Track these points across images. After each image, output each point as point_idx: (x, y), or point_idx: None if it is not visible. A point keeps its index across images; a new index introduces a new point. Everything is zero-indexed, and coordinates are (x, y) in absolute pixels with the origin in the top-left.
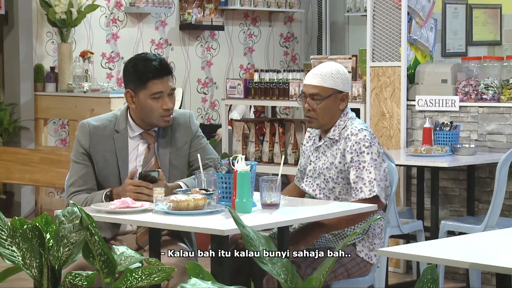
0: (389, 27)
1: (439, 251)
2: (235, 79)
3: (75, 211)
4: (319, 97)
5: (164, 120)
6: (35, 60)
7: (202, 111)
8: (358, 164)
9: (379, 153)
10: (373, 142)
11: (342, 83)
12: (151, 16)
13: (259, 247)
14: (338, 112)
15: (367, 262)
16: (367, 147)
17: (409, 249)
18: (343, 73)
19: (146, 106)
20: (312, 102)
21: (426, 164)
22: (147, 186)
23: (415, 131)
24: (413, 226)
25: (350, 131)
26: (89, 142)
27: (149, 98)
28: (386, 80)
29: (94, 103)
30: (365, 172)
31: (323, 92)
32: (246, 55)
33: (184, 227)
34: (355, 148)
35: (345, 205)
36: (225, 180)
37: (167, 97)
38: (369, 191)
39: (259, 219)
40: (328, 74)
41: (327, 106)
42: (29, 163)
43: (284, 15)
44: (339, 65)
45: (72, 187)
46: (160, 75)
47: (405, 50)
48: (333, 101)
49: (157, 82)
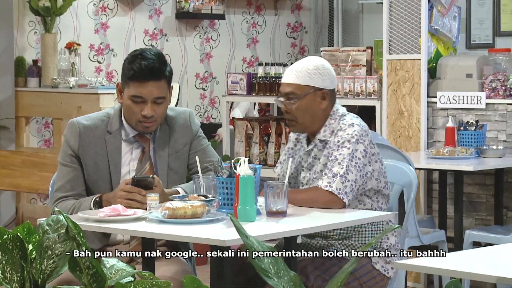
0: (408, 15)
1: (463, 264)
2: (237, 74)
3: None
4: (294, 96)
5: (142, 126)
6: (16, 52)
7: (200, 108)
8: (334, 158)
9: (365, 153)
10: (362, 139)
11: (320, 79)
12: (144, 3)
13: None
14: (320, 112)
15: (383, 275)
16: (352, 143)
17: (430, 262)
18: (322, 68)
19: (126, 105)
20: (287, 102)
21: (449, 168)
22: (140, 192)
23: (437, 131)
24: (434, 237)
25: (339, 126)
26: (78, 143)
27: (129, 98)
28: (404, 74)
29: (81, 100)
30: (335, 165)
31: (298, 90)
32: (249, 47)
33: (181, 237)
34: (339, 143)
35: (357, 213)
36: (226, 185)
37: (151, 104)
38: (327, 183)
39: (264, 228)
40: (304, 70)
41: (305, 106)
42: (9, 166)
43: (291, 3)
44: (320, 59)
45: (59, 192)
46: (141, 78)
47: (426, 42)
48: (311, 100)
49: (137, 85)
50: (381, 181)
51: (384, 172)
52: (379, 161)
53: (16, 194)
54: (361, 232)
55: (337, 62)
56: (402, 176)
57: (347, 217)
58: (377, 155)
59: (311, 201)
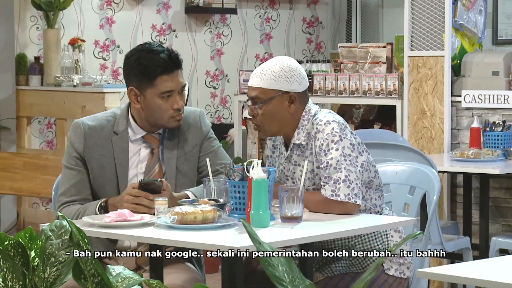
0: (431, 9)
1: (489, 273)
2: (250, 71)
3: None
4: (259, 100)
5: (175, 120)
6: (16, 49)
7: (211, 108)
8: (326, 164)
9: (352, 146)
10: (344, 134)
11: (287, 82)
12: None
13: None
14: (288, 116)
15: (400, 278)
16: (336, 142)
17: (454, 270)
18: (289, 69)
19: (154, 106)
20: (253, 107)
21: (474, 171)
22: (147, 196)
23: (461, 132)
24: (458, 244)
25: (316, 128)
26: (83, 144)
27: (157, 97)
28: (427, 72)
29: (86, 99)
30: (332, 171)
31: (262, 94)
32: (262, 43)
33: (191, 244)
34: (324, 147)
35: (376, 219)
36: (239, 189)
37: (178, 95)
38: (332, 192)
39: (278, 234)
40: (269, 72)
41: (271, 111)
42: (10, 168)
43: None
44: (287, 60)
45: (63, 196)
46: (169, 70)
47: (450, 37)
48: (278, 104)
49: (166, 78)
50: (371, 171)
51: (371, 161)
52: (364, 150)
53: (17, 198)
54: (364, 241)
55: (355, 59)
56: (424, 179)
57: (365, 223)
58: (362, 145)
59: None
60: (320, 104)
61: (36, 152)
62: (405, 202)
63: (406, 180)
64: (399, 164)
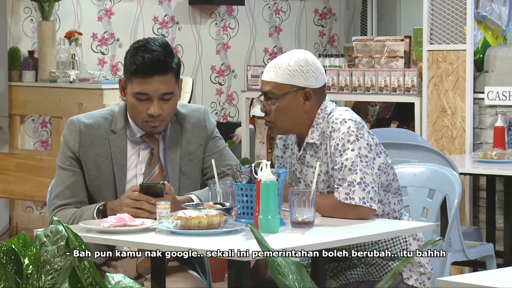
0: (452, 0)
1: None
2: (258, 66)
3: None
4: (273, 96)
5: (149, 126)
6: (9, 42)
7: (217, 105)
8: (341, 165)
9: (370, 147)
10: (360, 133)
11: (303, 77)
12: None
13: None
14: (302, 114)
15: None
16: (352, 142)
17: (476, 279)
18: (306, 64)
19: (130, 104)
20: (265, 102)
21: (498, 173)
22: (148, 200)
23: (484, 131)
24: (481, 251)
25: (331, 127)
26: (78, 144)
27: (133, 96)
28: (447, 67)
29: (83, 96)
30: (347, 173)
31: (276, 89)
32: (271, 36)
33: (195, 250)
34: (339, 147)
35: (393, 224)
36: (246, 192)
37: (157, 101)
38: (346, 195)
39: (288, 240)
40: (284, 66)
41: (285, 108)
42: (2, 170)
43: None
44: (304, 53)
45: (57, 199)
46: (145, 73)
47: (472, 30)
48: (292, 100)
49: (141, 81)
50: (389, 174)
51: (389, 163)
52: (382, 151)
53: (9, 202)
54: (382, 249)
55: (370, 53)
56: (444, 182)
57: (382, 228)
58: (379, 146)
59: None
60: (333, 102)
61: (30, 152)
62: (424, 206)
63: (425, 182)
64: (418, 166)
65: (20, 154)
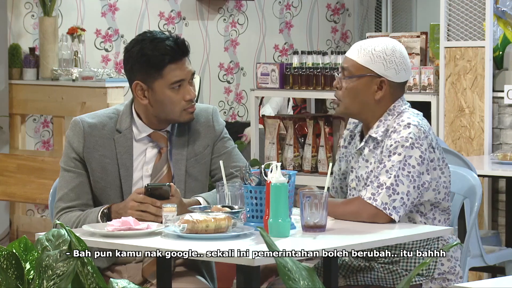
0: None
1: None
2: (268, 64)
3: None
4: (348, 74)
5: (188, 113)
6: (10, 39)
7: (225, 105)
8: (383, 166)
9: (421, 159)
10: (418, 143)
11: (383, 66)
12: None
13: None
14: (372, 102)
15: None
16: (406, 148)
17: (496, 285)
18: (391, 53)
19: (164, 99)
20: (339, 77)
21: None
22: (153, 203)
23: (504, 131)
24: (501, 256)
25: (394, 127)
26: (83, 144)
27: (167, 88)
28: (465, 65)
29: (86, 94)
30: (382, 173)
31: (354, 68)
32: (282, 33)
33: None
34: (391, 148)
35: (409, 229)
36: (255, 194)
37: (188, 84)
38: (371, 195)
39: (299, 245)
40: (369, 49)
41: (355, 89)
42: (2, 171)
43: None
44: (395, 43)
45: (61, 202)
46: (177, 57)
47: (491, 26)
48: (365, 85)
49: (174, 67)
50: (441, 192)
51: (446, 182)
52: (439, 168)
53: (10, 205)
54: (410, 258)
55: None
56: (462, 184)
57: (397, 233)
58: (439, 161)
59: (354, 215)
60: None
61: (31, 153)
62: None
63: None
64: None
65: (21, 155)
